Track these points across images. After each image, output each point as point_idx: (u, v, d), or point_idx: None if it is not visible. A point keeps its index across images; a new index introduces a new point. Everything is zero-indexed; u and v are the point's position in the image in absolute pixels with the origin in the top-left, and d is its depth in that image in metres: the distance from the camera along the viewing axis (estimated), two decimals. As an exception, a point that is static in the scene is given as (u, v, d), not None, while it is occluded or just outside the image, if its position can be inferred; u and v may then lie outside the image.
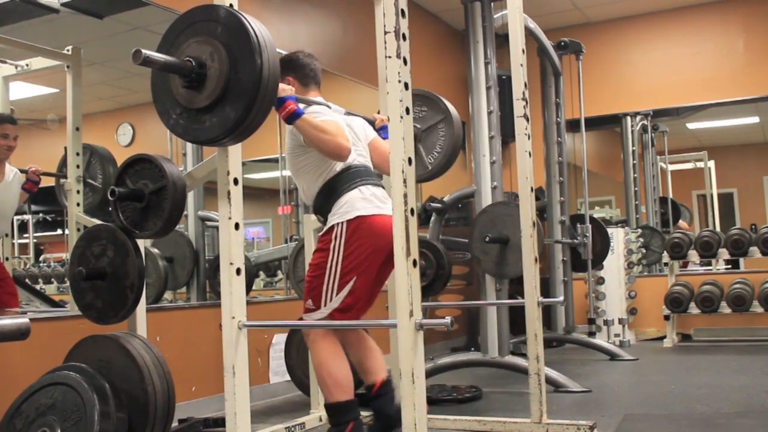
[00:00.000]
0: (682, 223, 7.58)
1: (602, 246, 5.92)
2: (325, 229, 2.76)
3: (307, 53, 2.96)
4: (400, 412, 2.72)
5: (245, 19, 2.10)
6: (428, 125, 3.39)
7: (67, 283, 3.46)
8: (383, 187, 2.82)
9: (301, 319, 2.79)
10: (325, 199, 2.76)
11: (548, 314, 5.75)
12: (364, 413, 2.84)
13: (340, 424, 2.65)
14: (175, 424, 3.11)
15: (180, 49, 2.18)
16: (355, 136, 2.85)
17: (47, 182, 3.90)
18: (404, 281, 1.96)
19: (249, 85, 2.06)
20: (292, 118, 2.58)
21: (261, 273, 5.36)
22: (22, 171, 3.58)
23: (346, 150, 2.63)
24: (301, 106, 2.67)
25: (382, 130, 3.01)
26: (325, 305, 2.67)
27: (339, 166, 2.74)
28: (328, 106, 2.85)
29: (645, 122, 7.24)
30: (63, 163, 3.76)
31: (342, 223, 2.67)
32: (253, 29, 2.08)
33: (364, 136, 2.94)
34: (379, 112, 3.17)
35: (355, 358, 2.89)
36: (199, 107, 2.14)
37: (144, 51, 2.05)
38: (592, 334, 5.98)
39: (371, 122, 3.06)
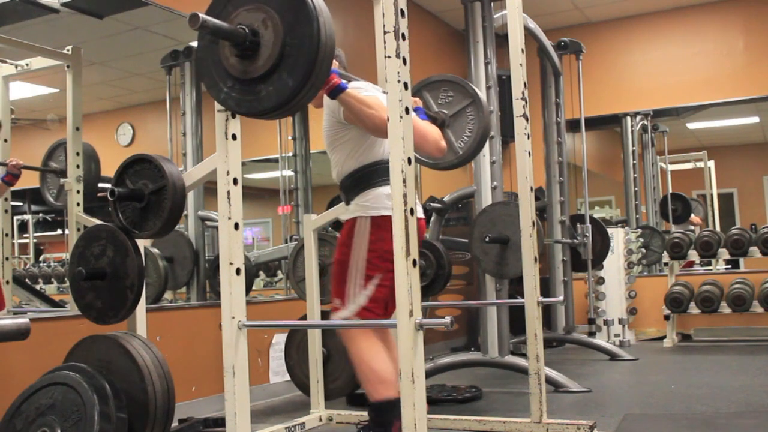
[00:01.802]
0: (694, 218, 7.57)
1: (602, 246, 5.91)
2: (347, 217, 2.73)
3: None
4: None
5: None
6: (455, 110, 3.32)
7: (67, 283, 3.46)
8: None
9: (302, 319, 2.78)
10: (355, 184, 2.73)
11: (548, 314, 5.75)
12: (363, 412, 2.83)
13: (385, 423, 2.54)
14: (175, 424, 3.11)
15: (228, 19, 2.09)
16: None
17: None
18: (404, 281, 1.96)
19: (306, 50, 1.98)
20: (336, 91, 2.50)
21: (261, 273, 5.36)
22: (1, 164, 3.55)
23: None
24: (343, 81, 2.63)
25: (417, 111, 3.01)
26: (352, 302, 2.63)
27: (378, 154, 2.72)
28: None
29: (645, 122, 7.23)
30: (48, 157, 3.75)
31: (366, 218, 2.65)
32: None
33: None
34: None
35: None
36: (254, 77, 2.05)
37: (201, 15, 1.96)
38: (592, 334, 5.98)
39: None
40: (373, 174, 2.69)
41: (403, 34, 2.04)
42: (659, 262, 6.78)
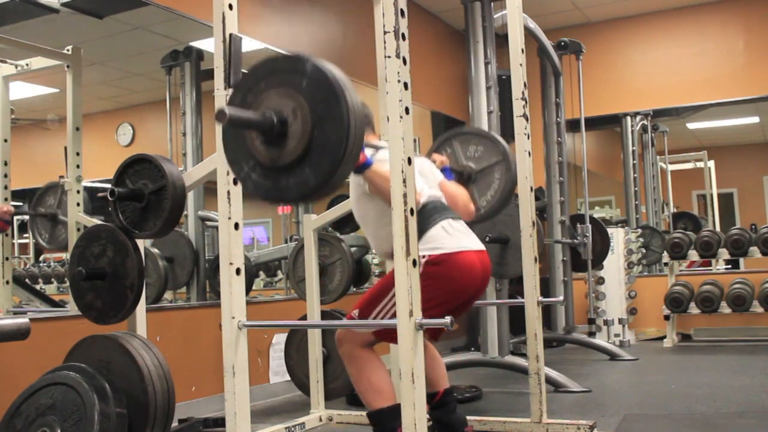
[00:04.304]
0: None
1: (602, 246, 5.91)
2: None
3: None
4: (462, 421, 2.77)
5: (333, 76, 1.91)
6: (483, 166, 3.27)
7: (67, 283, 3.46)
8: (462, 220, 2.73)
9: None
10: None
11: (548, 314, 5.75)
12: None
13: (387, 430, 2.52)
14: (175, 424, 3.11)
15: (260, 97, 1.99)
16: (424, 177, 2.75)
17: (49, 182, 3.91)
18: (404, 281, 1.97)
19: (333, 151, 1.88)
20: (362, 168, 2.44)
21: (261, 273, 5.36)
22: None
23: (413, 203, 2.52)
24: (368, 152, 2.54)
25: (444, 171, 2.96)
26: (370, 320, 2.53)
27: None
28: None
29: (645, 122, 7.23)
30: (37, 202, 3.77)
31: (424, 255, 2.48)
32: (341, 88, 1.90)
33: (433, 177, 2.85)
34: (430, 155, 3.13)
35: None
36: (276, 166, 1.96)
37: (228, 111, 1.87)
38: (592, 334, 5.98)
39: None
40: (419, 221, 2.42)
41: (403, 34, 2.04)
42: (659, 262, 6.78)
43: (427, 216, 2.58)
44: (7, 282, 3.55)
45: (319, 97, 1.91)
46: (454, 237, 2.58)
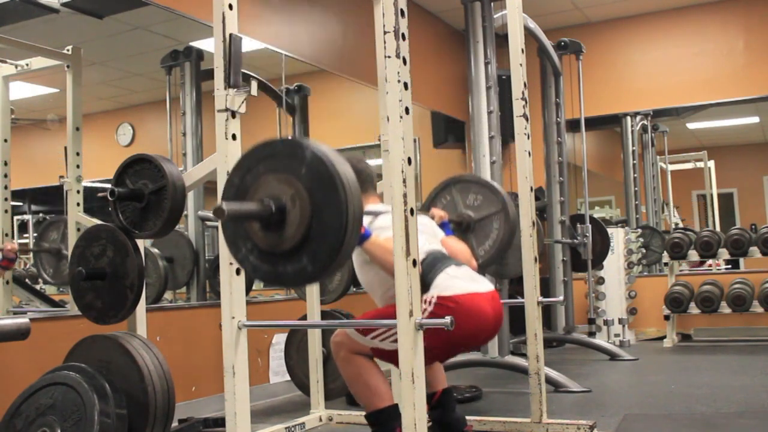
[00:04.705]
0: None
1: (602, 246, 5.91)
2: None
3: (358, 158, 2.74)
4: (462, 421, 2.77)
5: (331, 165, 1.88)
6: (482, 215, 3.28)
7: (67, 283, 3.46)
8: (466, 266, 2.71)
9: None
10: None
11: (548, 314, 5.75)
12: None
13: (387, 430, 2.54)
14: (175, 424, 3.11)
15: (258, 181, 1.98)
16: (425, 234, 2.72)
17: (49, 182, 3.90)
18: (404, 281, 1.97)
19: (330, 239, 1.87)
20: (360, 241, 2.43)
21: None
22: None
23: None
24: (366, 220, 2.54)
25: (443, 227, 2.96)
26: (371, 339, 2.54)
27: None
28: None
29: (645, 122, 7.23)
30: (40, 237, 3.81)
31: (433, 296, 2.49)
32: (340, 177, 1.87)
33: (434, 233, 2.84)
34: (429, 208, 3.12)
35: None
36: (273, 251, 1.96)
37: (226, 208, 1.85)
38: (592, 334, 5.98)
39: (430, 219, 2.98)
40: (423, 274, 2.47)
41: (403, 34, 2.04)
42: (659, 262, 6.78)
43: (430, 267, 2.57)
44: (7, 282, 3.55)
45: (317, 186, 1.89)
46: (461, 280, 2.57)
